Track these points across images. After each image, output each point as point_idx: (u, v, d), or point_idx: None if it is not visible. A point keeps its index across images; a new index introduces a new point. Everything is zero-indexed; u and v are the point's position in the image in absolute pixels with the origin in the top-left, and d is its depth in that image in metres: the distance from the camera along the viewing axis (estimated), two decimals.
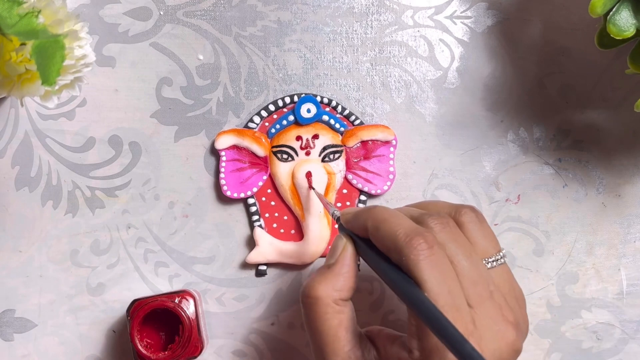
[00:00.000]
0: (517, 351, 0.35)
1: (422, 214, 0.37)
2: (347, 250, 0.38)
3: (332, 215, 0.42)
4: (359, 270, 0.38)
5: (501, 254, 0.37)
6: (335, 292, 0.36)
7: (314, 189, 0.46)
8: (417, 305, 0.32)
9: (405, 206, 0.40)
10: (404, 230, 0.34)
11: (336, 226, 0.45)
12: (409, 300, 0.33)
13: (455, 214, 0.37)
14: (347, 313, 0.37)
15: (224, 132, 0.47)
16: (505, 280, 0.37)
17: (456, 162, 0.48)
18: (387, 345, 0.36)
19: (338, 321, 0.36)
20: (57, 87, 0.40)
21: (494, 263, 0.37)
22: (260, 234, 0.47)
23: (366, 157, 0.47)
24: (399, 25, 0.47)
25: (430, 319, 0.31)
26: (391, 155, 0.47)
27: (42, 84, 0.35)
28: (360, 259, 0.38)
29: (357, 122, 0.48)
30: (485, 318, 0.34)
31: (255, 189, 0.47)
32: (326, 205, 0.44)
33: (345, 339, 0.36)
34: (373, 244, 0.36)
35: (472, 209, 0.38)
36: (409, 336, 0.34)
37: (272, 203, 0.48)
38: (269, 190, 0.48)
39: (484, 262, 0.36)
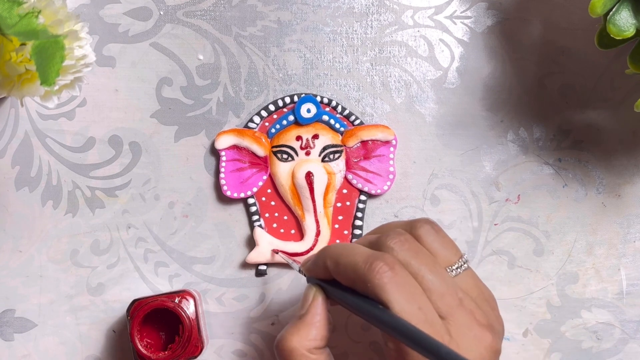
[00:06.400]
0: (497, 352, 0.35)
1: (378, 237, 0.37)
2: (317, 299, 0.38)
3: (299, 272, 0.42)
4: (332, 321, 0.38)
5: (463, 259, 0.37)
6: (308, 341, 0.36)
7: (278, 253, 0.47)
8: (393, 327, 0.32)
9: (363, 236, 0.40)
10: (362, 258, 0.35)
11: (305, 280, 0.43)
12: (384, 324, 0.33)
13: (411, 229, 0.37)
14: None
15: (224, 132, 0.47)
16: (472, 285, 0.37)
17: (456, 162, 0.48)
18: None
19: None
20: (57, 87, 0.40)
21: (458, 270, 0.37)
22: (260, 234, 0.47)
23: (366, 157, 0.47)
24: (399, 25, 0.47)
25: (409, 337, 0.32)
26: (391, 155, 0.47)
27: (42, 84, 0.35)
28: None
29: (357, 122, 0.47)
30: (459, 326, 0.34)
31: (255, 189, 0.47)
32: (291, 264, 0.45)
33: None
34: (339, 283, 0.36)
35: (427, 220, 0.38)
36: None
37: (272, 203, 0.48)
38: (269, 190, 0.48)
39: (448, 270, 0.36)
